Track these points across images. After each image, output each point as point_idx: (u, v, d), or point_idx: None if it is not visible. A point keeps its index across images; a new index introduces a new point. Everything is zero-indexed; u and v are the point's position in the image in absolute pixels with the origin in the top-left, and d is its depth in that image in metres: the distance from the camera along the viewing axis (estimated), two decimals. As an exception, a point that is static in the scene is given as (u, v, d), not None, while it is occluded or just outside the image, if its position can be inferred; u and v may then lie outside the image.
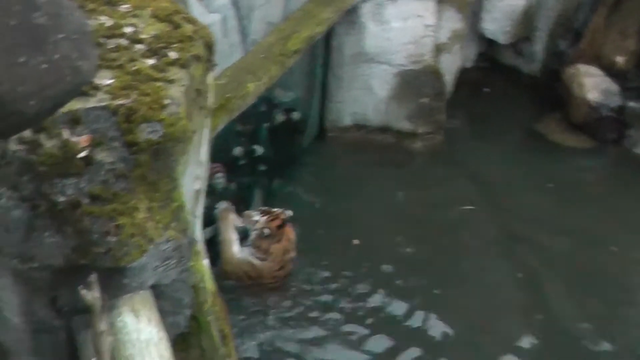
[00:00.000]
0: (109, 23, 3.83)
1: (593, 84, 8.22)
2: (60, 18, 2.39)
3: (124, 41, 3.77)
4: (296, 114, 7.61)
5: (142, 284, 3.62)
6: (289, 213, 6.32)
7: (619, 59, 8.36)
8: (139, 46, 3.76)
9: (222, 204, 6.31)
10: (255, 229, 6.23)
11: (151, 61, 3.68)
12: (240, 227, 6.31)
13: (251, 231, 6.26)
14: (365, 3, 7.58)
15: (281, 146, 7.50)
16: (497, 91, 8.92)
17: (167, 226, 3.60)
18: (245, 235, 6.30)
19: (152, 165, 3.50)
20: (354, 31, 7.67)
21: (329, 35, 7.64)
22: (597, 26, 8.46)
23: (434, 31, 7.88)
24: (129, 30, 3.83)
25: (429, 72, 7.88)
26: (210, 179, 6.11)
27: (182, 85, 3.62)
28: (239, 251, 6.23)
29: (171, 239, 3.61)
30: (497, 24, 8.68)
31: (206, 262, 4.27)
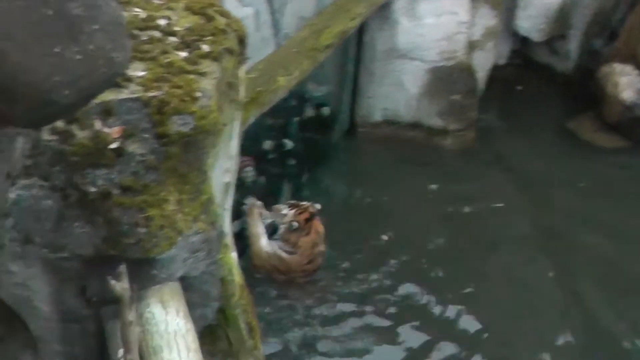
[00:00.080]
0: (143, 15, 3.85)
1: (628, 83, 8.13)
2: (96, 9, 2.40)
3: (157, 33, 3.79)
4: (326, 109, 7.60)
5: (170, 276, 3.64)
6: (318, 206, 6.33)
7: (655, 58, 8.28)
8: (172, 38, 3.78)
9: (250, 199, 6.33)
10: (284, 223, 6.24)
11: (184, 54, 3.69)
12: (269, 221, 6.33)
13: (280, 225, 6.28)
14: (399, -1, 7.57)
15: (311, 141, 7.50)
16: (530, 89, 8.86)
17: (197, 218, 3.61)
18: (274, 229, 6.31)
19: (183, 158, 3.51)
20: (387, 27, 7.64)
21: (361, 30, 7.63)
22: (634, 25, 8.36)
23: (468, 28, 7.83)
24: (162, 22, 3.84)
25: (461, 68, 7.85)
26: (239, 172, 6.14)
27: (214, 78, 3.63)
28: (267, 245, 6.25)
29: (200, 231, 3.63)
30: (532, 21, 8.61)
31: (234, 254, 4.28)
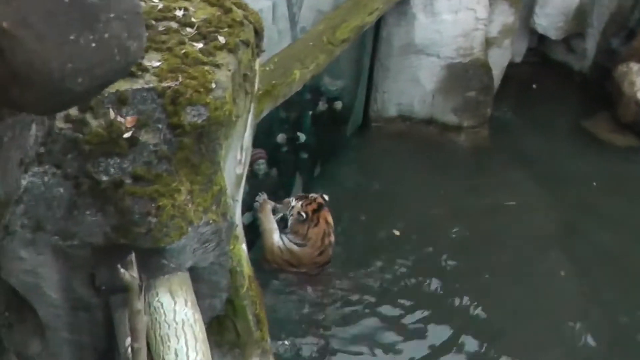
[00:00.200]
0: (160, 5, 3.85)
1: (644, 84, 8.10)
2: (112, -2, 2.40)
3: (174, 24, 3.79)
4: (338, 104, 7.59)
5: (180, 266, 3.64)
6: (326, 197, 6.37)
7: (673, 59, 8.24)
8: (188, 29, 3.77)
9: (261, 196, 6.34)
10: (292, 214, 6.27)
11: (200, 45, 3.69)
12: (279, 215, 6.36)
13: (288, 217, 6.31)
14: (417, -5, 7.55)
15: (324, 134, 7.50)
16: (545, 87, 8.83)
17: (208, 209, 3.61)
18: (286, 224, 6.34)
19: (195, 148, 3.51)
20: (404, 22, 7.63)
21: (378, 25, 7.62)
22: (652, 25, 8.34)
23: (485, 25, 7.82)
24: (179, 13, 3.84)
25: (477, 65, 7.83)
26: (252, 164, 6.16)
27: (229, 70, 3.63)
28: (279, 240, 6.28)
29: (211, 222, 3.63)
30: (550, 19, 8.59)
31: (244, 246, 4.29)
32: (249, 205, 6.22)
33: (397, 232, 6.85)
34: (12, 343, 3.90)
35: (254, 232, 6.21)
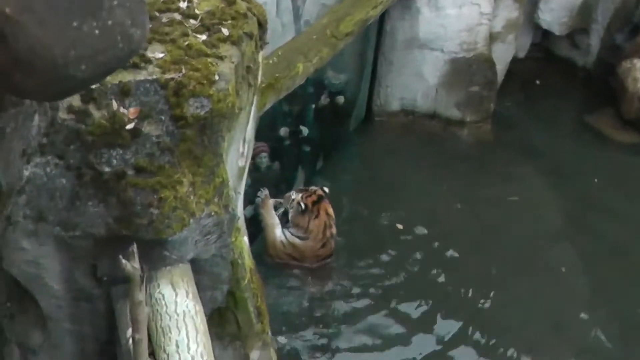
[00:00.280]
0: (163, -3, 3.85)
1: (648, 80, 8.07)
2: (116, -14, 2.40)
3: (177, 16, 3.79)
4: (340, 98, 7.57)
5: (181, 257, 3.65)
6: (326, 189, 6.37)
7: (677, 55, 8.20)
8: (192, 21, 3.78)
9: (263, 191, 6.34)
10: (292, 207, 6.28)
11: (203, 37, 3.69)
12: (281, 210, 6.36)
13: (289, 210, 6.31)
14: (422, -12, 7.53)
15: (327, 128, 7.49)
16: (549, 83, 8.81)
17: (210, 201, 3.62)
18: (287, 219, 6.34)
19: (198, 140, 3.51)
20: (408, 16, 7.61)
21: (382, 19, 7.59)
22: (656, 21, 8.31)
23: (489, 19, 7.79)
24: (183, 5, 3.84)
25: (481, 60, 7.81)
26: (254, 157, 6.15)
27: (232, 62, 3.63)
28: (282, 234, 6.28)
29: (213, 214, 3.63)
30: (554, 14, 8.56)
31: (246, 238, 4.29)
32: (251, 199, 6.22)
33: (400, 226, 6.84)
34: (14, 334, 3.91)
35: (255, 225, 6.20)
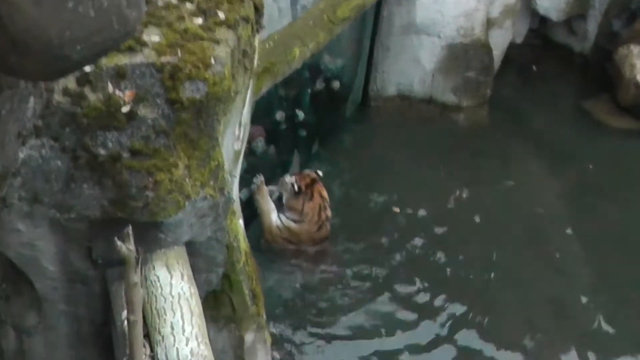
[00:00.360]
0: (159, -20, 3.84)
1: (644, 66, 8.07)
2: (111, -34, 2.40)
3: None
4: (336, 83, 7.56)
5: (177, 240, 3.66)
6: (320, 173, 6.40)
7: (674, 41, 8.20)
8: (188, 5, 3.77)
9: (258, 178, 6.35)
10: (286, 190, 6.31)
11: (199, 20, 3.69)
12: (276, 194, 6.38)
13: (283, 193, 6.34)
14: (419, -27, 7.52)
15: (323, 113, 7.49)
16: (546, 69, 8.80)
17: (205, 184, 3.63)
18: (283, 204, 6.37)
19: (194, 124, 3.52)
20: (405, 2, 7.60)
21: (379, 4, 7.58)
22: (654, 6, 8.30)
23: (486, 5, 7.79)
24: (179, -12, 3.83)
25: (478, 46, 7.81)
26: (250, 141, 6.16)
27: (229, 46, 3.63)
28: (277, 219, 6.30)
29: (208, 197, 3.65)
30: (552, 0, 8.54)
31: (241, 221, 4.31)
32: (247, 183, 6.23)
33: (396, 209, 6.86)
34: (9, 315, 3.93)
35: (250, 208, 6.22)
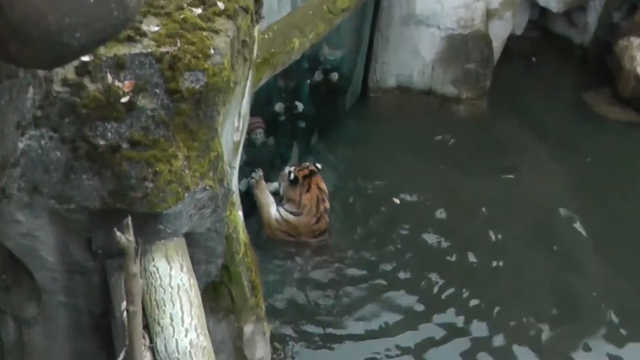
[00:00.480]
0: (158, -30, 3.83)
1: (644, 58, 8.06)
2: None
3: (172, -11, 3.77)
4: (334, 75, 7.55)
5: (176, 231, 3.65)
6: (318, 165, 6.41)
7: (674, 33, 8.19)
8: (187, -5, 3.76)
9: (257, 172, 6.35)
10: (284, 180, 6.32)
11: (199, 10, 3.68)
12: (275, 186, 6.39)
13: (281, 183, 6.35)
14: (419, -35, 7.51)
15: (322, 104, 7.49)
16: (546, 60, 8.80)
17: (204, 175, 3.62)
18: (282, 197, 6.37)
19: (193, 114, 3.51)
20: (405, -8, 7.61)
21: (379, -5, 7.59)
22: (654, -1, 8.29)
23: (487, -4, 7.79)
24: (178, -22, 3.82)
25: (477, 37, 7.80)
26: (249, 133, 6.15)
27: (228, 36, 3.62)
28: (276, 212, 6.31)
29: (207, 188, 3.63)
30: (552, -9, 8.55)
31: (240, 213, 4.30)
32: (246, 175, 6.23)
33: (397, 201, 6.87)
34: (9, 306, 3.93)
35: (250, 199, 6.22)
